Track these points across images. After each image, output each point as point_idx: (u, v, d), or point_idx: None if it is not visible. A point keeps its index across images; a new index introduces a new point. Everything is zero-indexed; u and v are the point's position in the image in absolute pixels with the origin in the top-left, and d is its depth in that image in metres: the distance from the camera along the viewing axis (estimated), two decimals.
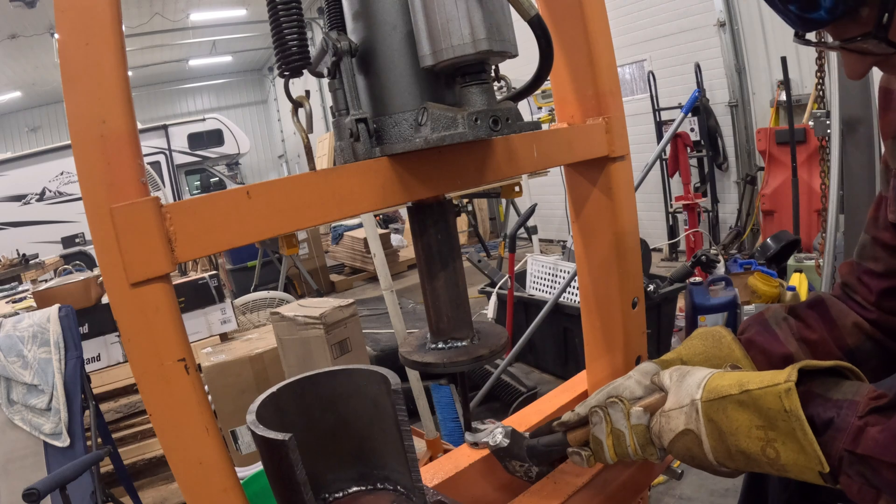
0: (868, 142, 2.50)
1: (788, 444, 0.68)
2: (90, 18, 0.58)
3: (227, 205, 0.64)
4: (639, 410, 0.83)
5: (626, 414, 0.83)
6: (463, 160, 0.82)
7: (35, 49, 11.64)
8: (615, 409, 0.84)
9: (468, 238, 8.55)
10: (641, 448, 0.83)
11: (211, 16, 12.82)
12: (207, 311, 3.26)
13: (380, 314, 4.55)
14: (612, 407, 0.85)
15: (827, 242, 2.68)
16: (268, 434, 0.72)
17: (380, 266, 2.37)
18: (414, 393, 2.42)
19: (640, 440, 0.83)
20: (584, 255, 1.14)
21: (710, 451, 0.75)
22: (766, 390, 0.69)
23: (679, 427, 0.78)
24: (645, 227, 5.48)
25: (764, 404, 0.69)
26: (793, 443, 0.67)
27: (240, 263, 7.06)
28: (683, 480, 2.40)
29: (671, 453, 0.81)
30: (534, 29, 0.71)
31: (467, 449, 1.11)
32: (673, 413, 0.79)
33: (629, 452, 0.84)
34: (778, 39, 5.05)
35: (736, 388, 0.72)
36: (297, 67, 0.74)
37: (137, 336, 0.61)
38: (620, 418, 0.83)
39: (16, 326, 2.36)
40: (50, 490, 1.74)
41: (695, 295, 3.37)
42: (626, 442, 0.83)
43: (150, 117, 14.85)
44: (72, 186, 10.30)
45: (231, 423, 2.71)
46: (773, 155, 4.94)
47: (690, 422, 0.77)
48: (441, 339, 0.90)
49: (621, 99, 1.06)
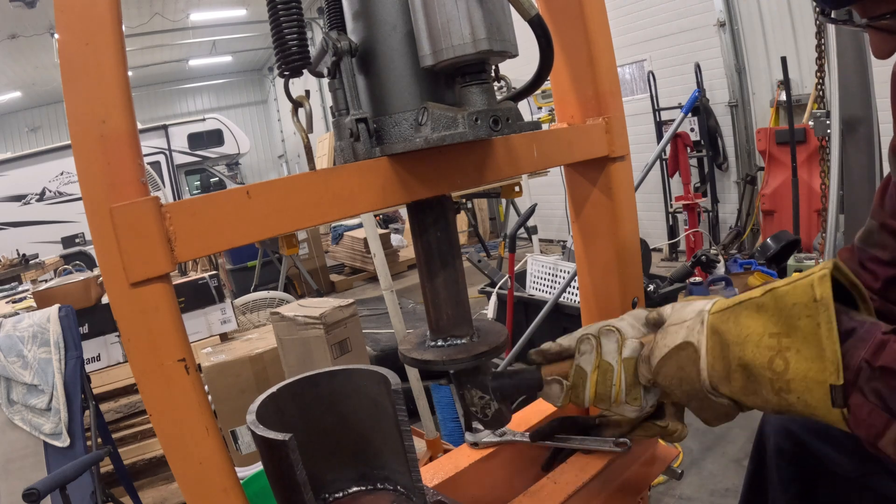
0: (868, 142, 2.50)
1: (803, 351, 0.61)
2: (90, 18, 0.58)
3: (227, 205, 0.64)
4: (634, 342, 0.76)
5: (620, 346, 0.76)
6: (463, 160, 0.82)
7: (35, 49, 11.64)
8: (609, 339, 0.77)
9: (468, 238, 8.55)
10: (627, 388, 0.76)
11: (211, 16, 12.83)
12: (207, 311, 3.26)
13: (380, 314, 4.54)
14: (606, 336, 0.78)
15: (827, 242, 2.68)
16: (268, 434, 0.72)
17: (380, 266, 2.37)
18: (414, 393, 2.42)
19: (628, 378, 0.76)
20: (584, 255, 1.14)
21: (706, 367, 0.69)
22: (795, 284, 0.63)
23: (676, 340, 0.71)
24: (645, 227, 5.49)
25: (789, 300, 0.63)
26: (810, 348, 0.61)
27: (240, 263, 7.06)
28: (683, 480, 2.41)
29: (658, 377, 0.73)
30: (534, 29, 0.71)
31: (467, 449, 1.11)
32: (672, 328, 0.73)
33: (611, 394, 0.76)
34: (778, 39, 5.05)
35: (759, 291, 0.66)
36: (297, 67, 0.74)
37: (137, 336, 0.61)
38: (613, 350, 0.77)
39: (16, 326, 2.36)
40: (50, 490, 1.74)
41: (695, 295, 3.37)
42: (613, 379, 0.76)
43: (150, 117, 14.86)
44: (72, 186, 10.31)
45: (231, 423, 2.71)
46: (773, 155, 4.94)
47: (692, 334, 0.70)
48: (440, 336, 0.90)
49: (621, 99, 1.06)
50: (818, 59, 2.63)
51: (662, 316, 0.77)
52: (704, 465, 2.52)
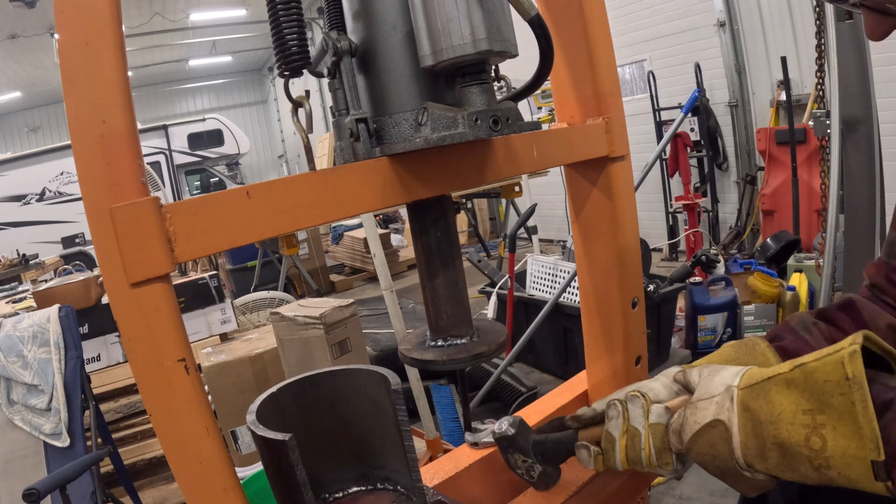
0: (868, 142, 2.50)
1: (840, 428, 0.60)
2: (90, 18, 0.58)
3: (227, 205, 0.64)
4: (660, 408, 0.76)
5: (646, 411, 0.76)
6: (463, 160, 0.82)
7: (35, 49, 11.64)
8: (634, 405, 0.77)
9: (468, 238, 8.55)
10: (657, 453, 0.75)
11: (211, 16, 12.83)
12: (207, 311, 3.26)
13: (380, 314, 4.55)
14: (632, 402, 0.77)
15: (827, 242, 2.68)
16: (268, 434, 0.72)
17: (380, 266, 2.37)
18: (414, 393, 2.42)
19: (656, 443, 0.75)
20: (584, 255, 1.14)
21: (740, 446, 0.67)
22: (825, 360, 0.61)
23: (706, 418, 0.69)
24: (645, 227, 5.49)
25: (820, 377, 0.61)
26: (846, 425, 0.59)
27: (240, 263, 7.06)
28: (683, 480, 2.41)
29: (690, 454, 0.72)
30: (534, 29, 0.71)
31: (467, 449, 1.11)
32: (701, 403, 0.71)
33: (642, 458, 0.76)
34: (778, 39, 5.05)
35: (787, 365, 0.65)
36: (297, 67, 0.74)
37: (137, 336, 0.61)
38: (639, 415, 0.76)
39: (16, 326, 2.36)
40: (50, 490, 1.74)
41: (695, 295, 3.37)
42: (641, 444, 0.76)
43: (150, 117, 14.85)
44: (72, 186, 10.31)
45: (231, 423, 2.71)
46: (773, 155, 4.94)
47: (722, 411, 0.68)
48: (440, 336, 0.90)
49: (621, 99, 1.06)
50: (818, 59, 2.63)
51: (690, 382, 0.76)
52: None
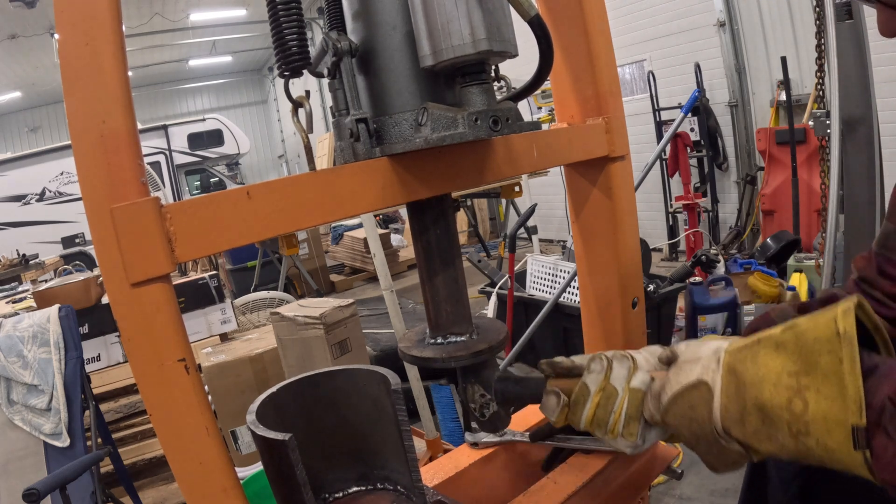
0: (868, 142, 2.50)
1: (823, 390, 0.58)
2: (90, 18, 0.58)
3: (227, 205, 0.64)
4: (644, 375, 0.73)
5: (631, 374, 0.73)
6: (463, 160, 0.82)
7: (35, 49, 11.64)
8: (621, 365, 0.74)
9: (468, 238, 8.54)
10: (626, 420, 0.72)
11: (211, 16, 12.82)
12: (207, 311, 3.26)
13: (380, 314, 4.54)
14: (620, 361, 0.75)
15: (827, 242, 2.68)
16: (268, 434, 0.72)
17: (380, 266, 2.37)
18: (414, 393, 2.42)
19: (630, 409, 0.72)
20: (584, 255, 1.14)
21: (719, 409, 0.65)
22: (817, 319, 0.60)
23: (690, 378, 0.67)
24: (645, 227, 5.48)
25: (810, 336, 0.60)
26: (830, 386, 0.58)
27: (240, 263, 7.06)
28: (683, 480, 2.41)
29: (666, 416, 0.70)
30: (534, 29, 0.71)
31: (467, 449, 1.11)
32: (686, 365, 0.69)
33: (609, 420, 0.73)
34: (778, 39, 5.05)
35: (779, 328, 0.63)
36: (297, 67, 0.74)
37: (137, 336, 0.61)
38: (622, 376, 0.74)
39: (16, 326, 2.36)
40: (50, 490, 1.74)
41: (695, 295, 3.37)
42: (615, 405, 0.73)
43: (150, 117, 14.85)
44: (72, 186, 10.30)
45: (231, 423, 2.71)
46: (773, 155, 4.94)
47: (707, 372, 0.66)
48: (440, 334, 0.90)
49: (621, 99, 1.06)
50: (818, 59, 2.63)
51: (676, 353, 0.74)
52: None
